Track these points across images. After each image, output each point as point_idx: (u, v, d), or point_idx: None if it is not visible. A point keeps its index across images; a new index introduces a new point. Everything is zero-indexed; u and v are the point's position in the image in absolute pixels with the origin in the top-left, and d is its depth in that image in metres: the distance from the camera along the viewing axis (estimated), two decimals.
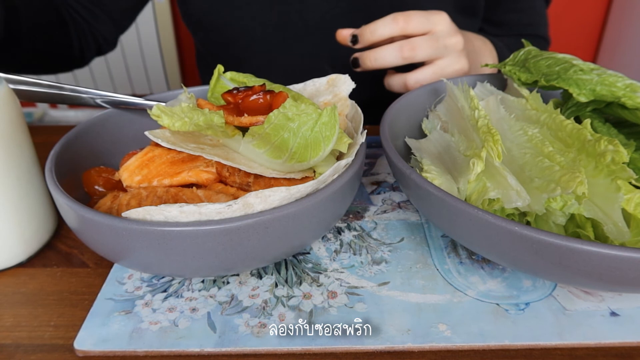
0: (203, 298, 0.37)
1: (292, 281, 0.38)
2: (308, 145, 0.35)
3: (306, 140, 0.35)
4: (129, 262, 0.35)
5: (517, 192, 0.35)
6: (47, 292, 0.38)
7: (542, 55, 0.47)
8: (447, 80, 0.48)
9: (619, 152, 0.34)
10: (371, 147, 0.56)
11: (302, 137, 0.35)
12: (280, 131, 0.35)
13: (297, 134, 0.35)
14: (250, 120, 0.37)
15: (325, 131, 0.35)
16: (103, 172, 0.42)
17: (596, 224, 0.35)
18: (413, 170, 0.36)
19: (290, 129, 0.35)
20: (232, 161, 0.36)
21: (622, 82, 0.40)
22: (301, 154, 0.35)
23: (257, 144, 0.36)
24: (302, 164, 0.36)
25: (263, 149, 0.36)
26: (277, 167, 0.37)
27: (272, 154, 0.36)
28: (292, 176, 0.37)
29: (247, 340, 0.33)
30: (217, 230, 0.31)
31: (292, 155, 0.35)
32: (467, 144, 0.42)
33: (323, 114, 0.35)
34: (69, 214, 0.34)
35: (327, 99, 0.45)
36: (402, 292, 0.37)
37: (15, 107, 0.39)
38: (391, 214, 0.46)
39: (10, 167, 0.38)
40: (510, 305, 0.36)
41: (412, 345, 0.33)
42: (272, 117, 0.35)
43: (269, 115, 0.35)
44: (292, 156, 0.36)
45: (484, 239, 0.33)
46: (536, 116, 0.42)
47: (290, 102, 0.35)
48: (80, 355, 0.33)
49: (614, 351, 0.33)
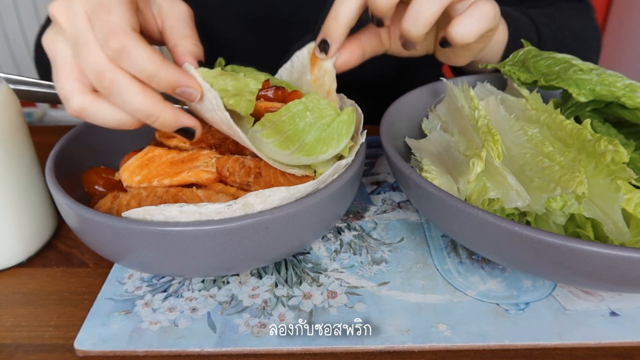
0: (203, 298, 0.37)
1: (292, 281, 0.38)
2: (321, 140, 0.35)
3: (321, 135, 0.35)
4: (129, 262, 0.35)
5: (517, 192, 0.35)
6: (47, 292, 0.38)
7: (542, 55, 0.47)
8: (447, 80, 0.48)
9: (619, 152, 0.34)
10: (371, 147, 0.56)
11: (318, 131, 0.35)
12: (296, 121, 0.35)
13: (314, 127, 0.35)
14: (267, 105, 0.37)
15: (341, 129, 0.35)
16: (103, 172, 0.42)
17: (596, 224, 0.35)
18: (413, 170, 0.36)
19: (308, 120, 0.35)
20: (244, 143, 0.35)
21: (622, 82, 0.40)
22: (311, 148, 0.35)
23: (267, 134, 0.35)
24: (310, 158, 0.36)
25: (271, 139, 0.35)
26: (281, 159, 0.36)
27: (280, 145, 0.35)
28: (294, 171, 0.37)
29: (247, 340, 0.33)
30: (217, 230, 0.31)
31: (301, 147, 0.35)
32: (467, 144, 0.42)
33: (343, 112, 0.35)
34: (69, 214, 0.34)
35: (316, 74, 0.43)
36: (402, 292, 0.37)
37: (15, 107, 0.39)
38: (391, 214, 0.46)
39: (10, 167, 0.38)
40: (510, 305, 0.36)
41: (412, 345, 0.33)
42: (292, 106, 0.35)
43: (289, 104, 0.35)
44: (301, 148, 0.35)
45: (484, 239, 0.33)
46: (536, 116, 0.42)
47: (313, 94, 0.35)
48: (80, 355, 0.33)
49: (614, 351, 0.33)
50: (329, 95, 0.41)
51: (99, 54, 0.32)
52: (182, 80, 0.33)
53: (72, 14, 0.33)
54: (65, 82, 0.34)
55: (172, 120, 0.34)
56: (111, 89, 0.32)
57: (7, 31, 1.69)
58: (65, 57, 0.34)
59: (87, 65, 0.33)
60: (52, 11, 0.34)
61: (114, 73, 0.32)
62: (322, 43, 0.41)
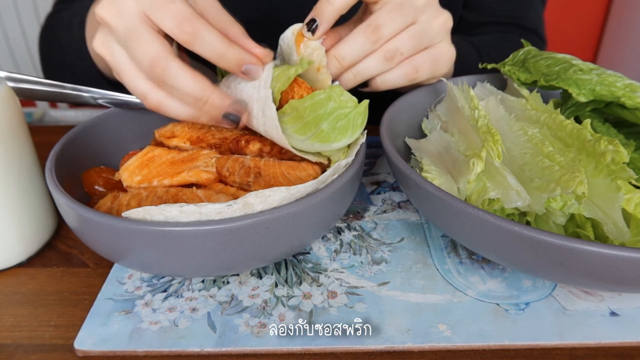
0: (203, 298, 0.37)
1: (292, 281, 0.38)
2: (336, 129, 0.37)
3: (337, 124, 0.37)
4: (129, 262, 0.35)
5: (517, 192, 0.35)
6: (47, 292, 0.38)
7: (542, 55, 0.47)
8: (447, 80, 0.48)
9: (619, 152, 0.34)
10: (371, 147, 0.56)
11: (335, 119, 0.37)
12: (317, 108, 0.36)
13: (332, 115, 0.37)
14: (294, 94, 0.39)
15: (357, 120, 0.38)
16: (103, 172, 0.42)
17: (596, 224, 0.35)
18: (413, 170, 0.36)
19: (328, 109, 0.37)
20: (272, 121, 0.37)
21: (622, 82, 0.40)
22: (326, 135, 0.37)
23: (288, 120, 0.37)
24: (323, 144, 0.37)
25: (290, 125, 0.37)
26: (297, 144, 0.38)
27: (297, 130, 0.37)
28: (309, 157, 0.39)
29: (247, 340, 0.33)
30: (217, 230, 0.31)
31: (317, 133, 0.37)
32: (467, 144, 0.42)
33: (362, 104, 0.38)
34: (69, 214, 0.34)
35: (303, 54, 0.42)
36: (402, 292, 0.37)
37: (15, 107, 0.39)
38: (391, 214, 0.46)
39: (10, 167, 0.38)
40: (510, 305, 0.36)
41: (412, 345, 0.33)
42: (316, 94, 0.37)
43: (313, 92, 0.37)
44: (317, 135, 0.37)
45: (484, 239, 0.33)
46: (536, 116, 0.42)
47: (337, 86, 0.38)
48: (80, 355, 0.33)
49: (614, 351, 0.33)
50: (319, 72, 0.41)
51: (151, 44, 0.34)
52: (247, 59, 0.36)
53: (122, 12, 0.34)
54: (137, 82, 0.36)
55: (221, 101, 0.36)
56: (164, 76, 0.34)
57: (7, 31, 1.69)
58: (124, 57, 0.36)
59: (140, 58, 0.34)
60: (100, 13, 0.35)
61: (165, 61, 0.34)
62: (311, 22, 0.40)
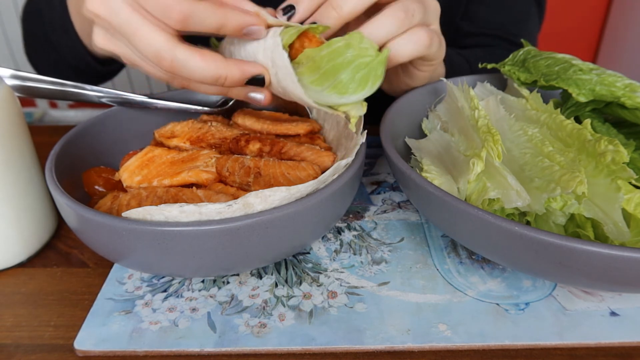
0: (203, 298, 0.37)
1: (292, 281, 0.38)
2: (355, 80, 0.34)
3: (355, 75, 0.34)
4: (129, 262, 0.35)
5: (517, 192, 0.35)
6: (47, 292, 0.38)
7: (542, 55, 0.47)
8: (447, 80, 0.48)
9: (619, 152, 0.34)
10: (371, 147, 0.56)
11: (355, 69, 0.34)
12: (335, 57, 0.34)
13: (351, 64, 0.34)
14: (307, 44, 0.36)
15: (378, 69, 0.35)
16: (103, 172, 0.42)
17: (596, 224, 0.35)
18: (413, 170, 0.36)
19: (347, 57, 0.34)
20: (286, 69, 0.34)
21: (622, 82, 0.40)
22: (344, 86, 0.34)
23: (303, 71, 0.35)
24: (341, 96, 0.35)
25: (306, 76, 0.34)
26: (313, 96, 0.35)
27: (313, 82, 0.35)
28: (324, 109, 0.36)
29: (247, 340, 0.33)
30: (217, 230, 0.31)
31: (335, 84, 0.34)
32: (467, 144, 0.42)
33: (383, 52, 0.35)
34: (69, 214, 0.34)
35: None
36: (402, 292, 0.37)
37: (15, 106, 0.39)
38: (391, 214, 0.46)
39: (10, 167, 0.38)
40: (510, 305, 0.36)
41: (412, 345, 0.33)
42: (333, 42, 0.34)
43: (330, 40, 0.34)
44: (334, 85, 0.34)
45: (484, 239, 0.33)
46: (536, 116, 0.42)
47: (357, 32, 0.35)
48: (80, 355, 0.33)
49: (614, 351, 0.33)
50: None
51: (150, 38, 0.33)
52: (247, 20, 0.34)
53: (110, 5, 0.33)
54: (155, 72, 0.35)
55: (240, 72, 0.34)
56: (173, 69, 0.33)
57: (7, 31, 1.69)
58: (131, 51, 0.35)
59: (144, 54, 0.33)
60: (91, 8, 0.34)
61: (169, 52, 0.33)
62: (288, 7, 0.38)
